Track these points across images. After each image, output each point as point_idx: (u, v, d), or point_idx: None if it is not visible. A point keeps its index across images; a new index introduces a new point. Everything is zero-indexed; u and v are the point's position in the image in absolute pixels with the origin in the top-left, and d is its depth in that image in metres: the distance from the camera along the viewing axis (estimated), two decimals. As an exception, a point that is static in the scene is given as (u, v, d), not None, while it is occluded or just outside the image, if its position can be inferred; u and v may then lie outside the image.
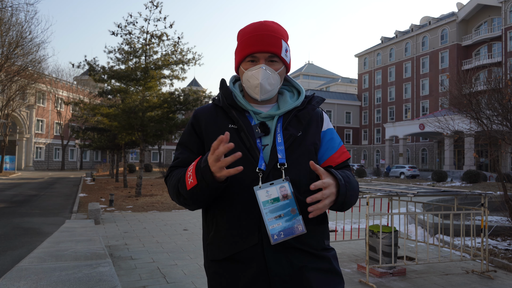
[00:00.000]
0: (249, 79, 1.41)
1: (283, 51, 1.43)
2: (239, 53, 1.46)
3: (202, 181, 1.25)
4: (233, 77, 1.57)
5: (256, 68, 1.40)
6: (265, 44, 1.40)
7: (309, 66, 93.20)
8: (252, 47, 1.41)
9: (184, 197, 1.34)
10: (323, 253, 1.40)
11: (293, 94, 1.54)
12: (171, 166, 1.48)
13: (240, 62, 1.46)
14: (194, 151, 1.45)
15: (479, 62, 44.70)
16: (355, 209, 11.97)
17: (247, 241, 1.33)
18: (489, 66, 42.25)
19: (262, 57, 1.41)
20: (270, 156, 1.36)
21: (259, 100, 1.44)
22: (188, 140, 1.47)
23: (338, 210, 1.37)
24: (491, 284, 4.99)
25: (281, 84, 1.49)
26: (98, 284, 2.89)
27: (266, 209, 1.27)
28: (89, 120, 25.24)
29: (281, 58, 1.43)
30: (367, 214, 4.94)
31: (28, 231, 8.90)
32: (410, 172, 38.77)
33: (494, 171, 31.03)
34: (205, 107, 1.51)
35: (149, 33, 16.10)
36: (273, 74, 1.41)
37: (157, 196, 16.97)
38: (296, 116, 1.44)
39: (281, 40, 1.43)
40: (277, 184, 1.30)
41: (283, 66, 1.46)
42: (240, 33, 1.48)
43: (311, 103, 1.50)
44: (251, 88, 1.42)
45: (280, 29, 1.47)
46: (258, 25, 1.44)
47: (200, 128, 1.45)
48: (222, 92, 1.49)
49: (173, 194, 1.40)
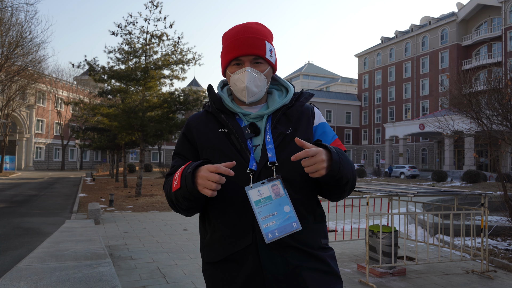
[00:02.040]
0: (236, 83, 1.42)
1: (267, 52, 1.43)
2: (224, 57, 1.47)
3: (185, 187, 1.26)
4: (221, 81, 1.58)
5: (241, 72, 1.41)
6: (248, 47, 1.40)
7: (309, 66, 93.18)
8: (236, 50, 1.41)
9: (172, 200, 1.36)
10: (319, 253, 1.39)
11: (282, 92, 1.55)
12: (167, 174, 1.50)
13: (226, 66, 1.47)
14: (188, 158, 1.47)
15: (479, 62, 44.68)
16: (355, 209, 11.98)
17: (241, 242, 1.34)
18: (489, 66, 42.23)
19: (247, 60, 1.41)
20: (261, 156, 1.37)
21: (247, 103, 1.44)
22: (182, 148, 1.50)
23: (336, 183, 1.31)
24: (491, 284, 4.99)
25: (269, 84, 1.49)
26: (98, 284, 2.89)
27: (259, 208, 1.28)
28: (89, 120, 25.26)
29: (266, 59, 1.44)
30: (367, 214, 4.94)
31: (28, 231, 8.90)
32: (410, 172, 38.78)
33: (494, 171, 31.03)
34: (197, 115, 1.54)
35: (149, 33, 16.11)
36: (259, 76, 1.41)
37: (157, 196, 16.97)
38: (284, 114, 1.45)
39: (264, 42, 1.43)
40: (268, 183, 1.30)
41: (269, 67, 1.46)
42: (224, 36, 1.48)
43: (299, 99, 1.50)
44: (239, 91, 1.43)
45: (264, 30, 1.47)
46: (241, 28, 1.44)
47: (192, 135, 1.48)
48: (210, 98, 1.50)
49: (167, 200, 1.42)
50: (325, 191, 1.41)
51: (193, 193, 1.26)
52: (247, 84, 1.39)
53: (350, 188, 1.39)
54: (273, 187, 1.30)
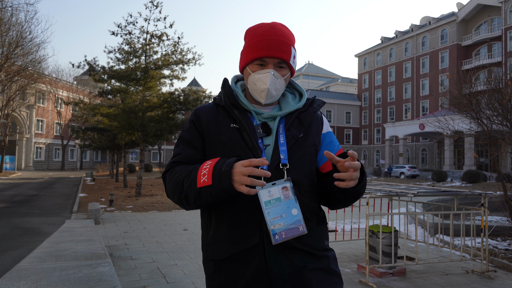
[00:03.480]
0: (256, 82, 1.41)
1: (292, 58, 1.43)
2: (248, 54, 1.44)
3: (218, 185, 1.24)
4: (235, 77, 1.56)
5: (264, 73, 1.39)
6: (275, 49, 1.39)
7: (309, 66, 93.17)
8: (262, 51, 1.39)
9: (187, 194, 1.31)
10: (323, 254, 1.42)
11: (295, 96, 1.55)
12: (173, 162, 1.45)
13: (247, 63, 1.45)
14: (198, 148, 1.44)
15: (479, 62, 44.67)
16: (355, 209, 11.98)
17: (249, 240, 1.33)
18: (489, 66, 42.22)
19: (271, 62, 1.40)
20: (272, 157, 1.37)
21: (263, 104, 1.44)
22: (191, 137, 1.46)
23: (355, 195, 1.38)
24: (491, 284, 4.99)
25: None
26: (98, 284, 2.89)
27: (268, 209, 1.28)
28: (89, 120, 25.23)
29: (289, 65, 1.43)
30: (367, 214, 4.94)
31: (28, 231, 8.90)
32: (410, 172, 38.80)
33: (494, 171, 31.03)
34: (206, 106, 1.50)
35: (149, 33, 16.11)
36: (280, 80, 1.41)
37: (157, 196, 16.97)
38: (298, 117, 1.45)
39: (291, 47, 1.42)
40: (279, 185, 1.30)
41: (289, 72, 1.46)
42: (250, 33, 1.45)
43: (312, 105, 1.51)
44: (257, 92, 1.42)
45: (290, 34, 1.46)
46: (269, 28, 1.42)
47: (202, 126, 1.45)
48: (225, 91, 1.48)
49: (173, 189, 1.37)
50: (329, 199, 1.45)
51: (228, 191, 1.24)
52: (269, 86, 1.38)
53: (355, 201, 1.44)
54: (283, 189, 1.30)
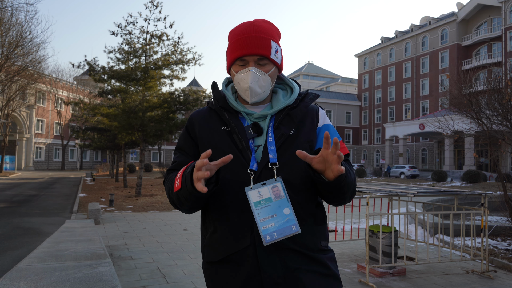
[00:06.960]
0: (240, 82, 1.41)
1: (273, 52, 1.41)
2: (229, 55, 1.45)
3: (185, 187, 1.26)
4: (226, 79, 1.56)
5: (245, 71, 1.39)
6: (253, 46, 1.38)
7: (309, 66, 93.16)
8: (240, 50, 1.39)
9: (174, 199, 1.36)
10: (319, 255, 1.38)
11: (287, 92, 1.52)
12: (168, 170, 1.50)
13: (231, 65, 1.45)
14: (189, 154, 1.46)
15: (479, 62, 44.66)
16: (355, 209, 11.98)
17: (240, 242, 1.33)
18: (489, 66, 42.22)
19: (252, 60, 1.39)
20: (262, 156, 1.35)
21: (250, 103, 1.43)
22: (184, 143, 1.49)
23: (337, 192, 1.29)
24: (491, 284, 4.99)
25: (274, 84, 1.47)
26: (98, 284, 2.89)
27: (258, 209, 1.26)
28: (89, 120, 25.26)
29: (271, 60, 1.41)
30: (367, 214, 4.94)
31: (28, 231, 8.90)
32: (410, 172, 38.79)
33: (494, 171, 31.03)
34: (200, 111, 1.52)
35: (149, 33, 16.11)
36: (263, 77, 1.39)
37: (157, 196, 16.97)
38: (288, 114, 1.42)
39: (270, 41, 1.40)
40: (269, 184, 1.28)
41: (274, 67, 1.44)
42: (230, 34, 1.46)
43: (304, 100, 1.48)
44: (242, 91, 1.41)
45: (270, 28, 1.44)
46: (247, 26, 1.42)
47: (194, 131, 1.46)
48: (214, 95, 1.49)
49: (168, 196, 1.42)
50: (325, 196, 1.38)
51: (192, 193, 1.25)
52: (250, 85, 1.37)
53: (350, 196, 1.37)
54: (273, 189, 1.28)
